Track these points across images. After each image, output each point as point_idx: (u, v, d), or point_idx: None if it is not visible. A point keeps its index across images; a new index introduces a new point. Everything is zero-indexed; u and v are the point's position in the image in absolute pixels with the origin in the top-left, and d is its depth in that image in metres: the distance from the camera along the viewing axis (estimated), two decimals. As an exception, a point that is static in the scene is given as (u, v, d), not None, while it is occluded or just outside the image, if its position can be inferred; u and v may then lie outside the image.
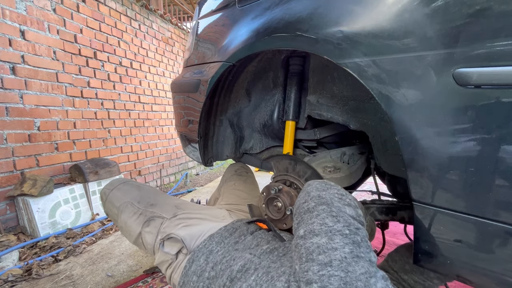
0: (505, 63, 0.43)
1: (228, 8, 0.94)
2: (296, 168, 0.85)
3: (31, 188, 1.78)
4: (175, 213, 0.92)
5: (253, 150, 1.27)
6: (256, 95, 1.16)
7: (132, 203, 0.98)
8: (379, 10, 0.54)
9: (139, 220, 0.93)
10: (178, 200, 1.05)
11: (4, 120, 1.79)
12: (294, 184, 0.85)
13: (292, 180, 0.85)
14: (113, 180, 1.11)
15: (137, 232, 0.92)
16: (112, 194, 1.04)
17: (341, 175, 0.90)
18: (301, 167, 0.84)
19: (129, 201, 0.99)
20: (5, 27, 1.78)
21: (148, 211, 0.94)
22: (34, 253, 1.63)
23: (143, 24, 3.11)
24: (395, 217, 0.87)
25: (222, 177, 1.40)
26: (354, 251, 0.45)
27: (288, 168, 0.87)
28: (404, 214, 0.87)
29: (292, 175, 0.86)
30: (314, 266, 0.44)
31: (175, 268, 0.82)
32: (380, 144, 0.80)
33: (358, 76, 0.57)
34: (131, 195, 1.01)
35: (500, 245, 0.48)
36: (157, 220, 0.91)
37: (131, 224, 0.94)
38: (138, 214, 0.94)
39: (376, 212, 0.87)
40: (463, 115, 0.47)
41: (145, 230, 0.91)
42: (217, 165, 4.52)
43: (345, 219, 0.50)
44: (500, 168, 0.45)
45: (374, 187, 1.02)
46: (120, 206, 0.99)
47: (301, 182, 0.84)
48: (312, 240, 0.48)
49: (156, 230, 0.88)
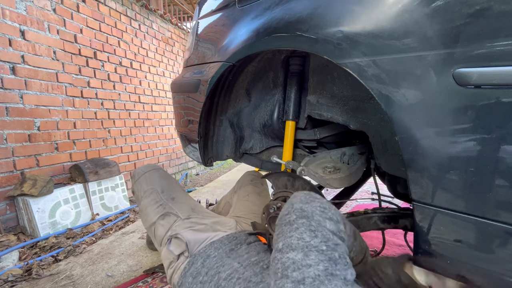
0: (505, 63, 0.43)
1: (228, 8, 0.94)
2: (295, 184, 0.87)
3: (31, 188, 1.78)
4: (189, 215, 0.98)
5: (253, 150, 1.27)
6: (256, 95, 1.16)
7: (157, 191, 1.07)
8: (379, 10, 0.54)
9: (158, 211, 1.01)
10: (195, 202, 1.12)
11: (4, 120, 1.79)
12: None
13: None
14: (147, 164, 1.25)
15: (153, 221, 1.00)
16: (144, 176, 1.15)
17: (341, 176, 0.90)
18: (300, 183, 0.86)
19: (155, 188, 1.09)
20: (5, 27, 1.78)
21: (168, 205, 1.02)
22: (34, 253, 1.63)
23: (143, 24, 3.11)
24: (398, 225, 0.87)
25: (237, 182, 1.42)
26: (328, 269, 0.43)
27: (287, 184, 0.88)
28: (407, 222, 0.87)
29: (292, 191, 0.87)
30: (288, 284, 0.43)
31: (176, 269, 0.85)
32: (380, 144, 0.80)
33: (358, 76, 0.57)
34: (159, 183, 1.11)
35: (500, 245, 0.48)
36: (172, 216, 0.98)
37: (150, 212, 1.02)
38: (158, 204, 1.03)
39: (378, 221, 0.87)
40: (463, 115, 0.47)
41: (159, 222, 0.98)
42: (217, 165, 4.53)
43: (323, 234, 0.48)
44: (500, 168, 0.45)
45: (374, 187, 1.02)
46: (147, 190, 1.09)
47: None
48: (289, 255, 0.46)
49: (168, 226, 0.95)
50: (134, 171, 1.21)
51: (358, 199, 2.50)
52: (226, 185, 3.23)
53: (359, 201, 2.47)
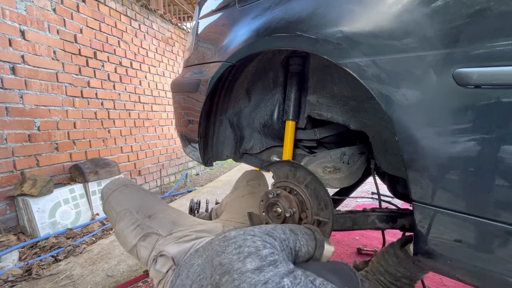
0: (505, 63, 0.43)
1: (228, 8, 0.94)
2: (296, 174, 0.86)
3: (31, 188, 1.78)
4: (171, 230, 0.93)
5: (253, 150, 1.27)
6: (256, 95, 1.16)
7: (131, 212, 0.99)
8: (379, 10, 0.54)
9: (136, 232, 0.95)
10: (175, 212, 1.06)
11: (4, 120, 1.79)
12: (294, 190, 0.85)
13: (292, 187, 0.86)
14: (114, 180, 1.12)
15: (133, 243, 0.94)
16: (112, 196, 1.06)
17: (340, 176, 0.90)
18: (301, 173, 0.85)
19: (129, 209, 1.00)
20: (5, 27, 1.78)
21: (146, 225, 0.96)
22: (34, 253, 1.63)
23: (143, 24, 3.11)
24: (396, 225, 0.87)
25: (236, 182, 1.41)
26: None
27: (288, 174, 0.88)
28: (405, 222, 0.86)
29: (292, 181, 0.86)
30: None
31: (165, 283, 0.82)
32: (380, 144, 0.80)
33: (358, 76, 0.57)
34: (131, 203, 1.03)
35: (500, 245, 0.48)
36: (153, 236, 0.92)
37: (128, 235, 0.96)
38: (135, 226, 0.96)
39: (376, 220, 0.87)
40: (463, 115, 0.47)
41: (141, 244, 0.93)
42: (217, 165, 4.53)
43: (249, 281, 0.47)
44: (500, 168, 0.45)
45: (374, 187, 1.02)
46: (119, 212, 1.01)
47: (301, 188, 0.84)
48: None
49: (151, 246, 0.90)
50: (102, 190, 1.12)
51: (358, 199, 2.50)
52: (226, 185, 3.23)
53: (358, 201, 2.47)
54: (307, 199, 0.83)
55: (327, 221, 0.79)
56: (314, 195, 0.82)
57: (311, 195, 0.82)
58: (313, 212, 0.82)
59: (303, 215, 0.83)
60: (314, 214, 0.82)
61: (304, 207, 0.83)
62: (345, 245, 1.62)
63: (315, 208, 0.82)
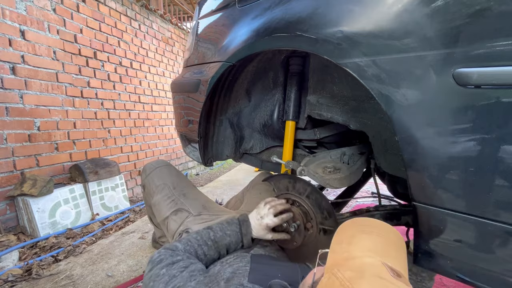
0: (505, 63, 0.43)
1: (228, 8, 0.94)
2: (296, 186, 0.88)
3: (31, 188, 1.78)
4: (200, 212, 1.02)
5: (253, 150, 1.27)
6: (256, 95, 1.16)
7: (169, 187, 1.12)
8: (379, 10, 0.54)
9: (170, 206, 1.06)
10: (206, 198, 1.15)
11: (4, 120, 1.79)
12: (297, 202, 0.87)
13: (294, 199, 0.87)
14: (157, 160, 1.27)
15: (166, 215, 1.05)
16: (155, 172, 1.19)
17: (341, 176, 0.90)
18: (301, 185, 0.87)
19: (167, 184, 1.13)
20: (5, 27, 1.78)
21: (180, 201, 1.07)
22: (34, 253, 1.63)
23: (143, 24, 3.11)
24: (400, 222, 0.88)
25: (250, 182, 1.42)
26: None
27: (288, 186, 0.90)
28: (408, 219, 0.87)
29: (293, 193, 0.88)
30: None
31: None
32: (380, 144, 0.80)
33: (358, 76, 0.57)
34: (170, 180, 1.15)
35: (500, 245, 0.48)
36: (184, 212, 1.03)
37: (162, 207, 1.07)
38: (171, 200, 1.08)
39: (380, 219, 0.88)
40: (463, 115, 0.47)
41: (172, 217, 1.03)
42: (217, 165, 4.52)
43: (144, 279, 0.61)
44: (500, 168, 0.45)
45: (375, 187, 1.02)
46: (159, 186, 1.13)
47: (303, 199, 0.85)
48: None
49: (180, 221, 1.00)
50: (145, 165, 1.25)
51: (358, 199, 2.50)
52: (226, 185, 3.23)
53: (359, 201, 2.47)
54: (310, 209, 0.85)
55: (332, 229, 0.80)
56: (316, 205, 0.83)
57: (313, 205, 0.84)
58: (317, 222, 0.83)
59: (308, 225, 0.85)
60: (319, 223, 0.83)
61: (309, 217, 0.85)
62: (345, 245, 1.62)
63: (319, 217, 0.83)
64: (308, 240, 0.86)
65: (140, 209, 2.45)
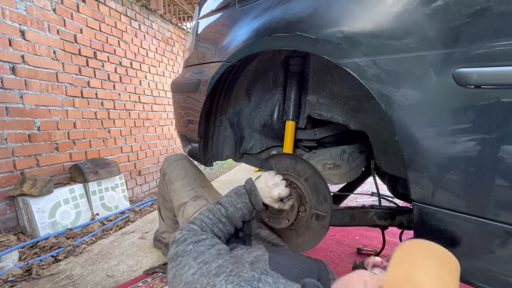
0: (505, 63, 0.43)
1: (228, 8, 0.94)
2: (297, 167, 0.85)
3: (31, 188, 1.78)
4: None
5: (253, 150, 1.27)
6: (256, 95, 1.16)
7: (190, 177, 1.19)
8: (379, 10, 0.54)
9: (190, 193, 1.12)
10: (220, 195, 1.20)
11: (4, 120, 1.79)
12: (294, 183, 0.85)
13: (291, 180, 0.85)
14: (180, 154, 1.35)
15: (184, 201, 1.10)
16: (178, 162, 1.26)
17: (340, 172, 0.90)
18: (302, 166, 0.84)
19: (188, 174, 1.20)
20: (5, 27, 1.78)
21: (200, 190, 1.13)
22: (34, 253, 1.63)
23: (143, 24, 3.11)
24: (394, 222, 0.87)
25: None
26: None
27: (289, 167, 0.87)
28: (403, 219, 0.86)
29: (292, 174, 0.86)
30: None
31: None
32: (380, 144, 0.80)
33: (358, 76, 0.57)
34: (191, 172, 1.23)
35: (500, 245, 0.48)
36: (203, 200, 1.08)
37: (182, 193, 1.13)
38: (191, 188, 1.14)
39: (374, 217, 0.87)
40: (463, 115, 0.47)
41: (191, 203, 1.08)
42: (217, 165, 4.52)
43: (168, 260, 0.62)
44: (500, 168, 0.45)
45: (374, 187, 1.02)
46: (180, 174, 1.20)
47: (301, 182, 0.83)
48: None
49: (198, 207, 1.05)
50: (168, 156, 1.33)
51: (358, 199, 2.50)
52: (226, 185, 3.23)
53: (359, 200, 2.47)
54: (306, 192, 0.82)
55: (325, 215, 0.79)
56: (314, 189, 0.81)
57: (310, 189, 0.82)
58: (311, 206, 0.81)
59: (301, 208, 0.83)
60: (313, 207, 0.81)
61: (303, 201, 0.83)
62: (345, 245, 1.62)
63: (314, 201, 0.81)
64: (298, 223, 0.85)
65: (140, 209, 2.46)
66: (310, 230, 0.83)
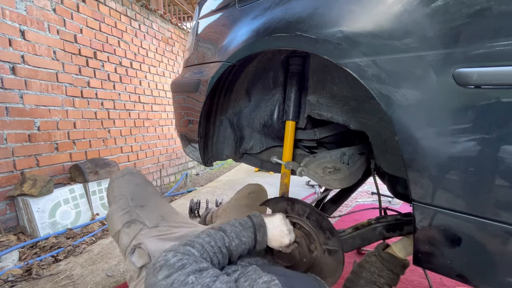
0: (505, 63, 0.43)
1: (228, 8, 0.94)
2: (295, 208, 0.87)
3: (31, 188, 1.78)
4: (157, 223, 0.92)
5: (253, 150, 1.27)
6: (256, 95, 1.16)
7: (126, 197, 1.00)
8: (379, 10, 0.54)
9: (123, 218, 0.94)
10: (168, 209, 1.06)
11: (4, 120, 1.79)
12: (297, 224, 0.87)
13: (294, 221, 0.87)
14: (124, 168, 1.17)
15: (118, 228, 0.93)
16: (117, 181, 1.09)
17: (341, 176, 0.90)
18: (299, 206, 0.86)
19: (125, 194, 1.02)
20: (5, 27, 1.78)
21: (135, 212, 0.95)
22: (34, 253, 1.63)
23: (143, 24, 3.11)
24: (403, 233, 0.86)
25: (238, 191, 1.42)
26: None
27: (287, 209, 0.89)
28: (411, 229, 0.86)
29: (293, 215, 0.87)
30: None
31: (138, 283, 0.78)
32: (380, 144, 0.80)
33: (358, 76, 0.57)
34: (130, 189, 1.04)
35: (500, 245, 0.48)
36: (138, 225, 0.91)
37: (116, 219, 0.95)
38: (125, 211, 0.96)
39: (383, 231, 0.86)
40: (463, 115, 0.47)
41: (124, 230, 0.91)
42: (217, 165, 4.53)
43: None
44: (500, 168, 0.45)
45: (374, 187, 1.02)
46: (116, 196, 1.02)
47: (303, 221, 0.85)
48: None
49: (133, 234, 0.89)
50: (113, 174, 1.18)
51: (358, 199, 2.50)
52: (226, 185, 3.23)
53: (359, 201, 2.47)
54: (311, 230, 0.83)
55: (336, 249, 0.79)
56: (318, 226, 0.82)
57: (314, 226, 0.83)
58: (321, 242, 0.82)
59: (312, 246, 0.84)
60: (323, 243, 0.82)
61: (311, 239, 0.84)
62: (345, 245, 1.62)
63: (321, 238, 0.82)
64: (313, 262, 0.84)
65: (140, 209, 2.45)
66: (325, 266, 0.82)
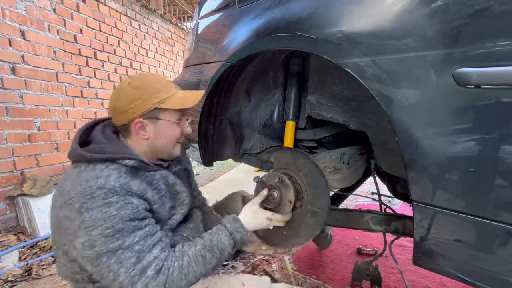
0: (505, 63, 0.43)
1: (228, 8, 0.94)
2: (297, 161, 0.85)
3: (31, 188, 1.78)
4: None
5: (253, 150, 1.27)
6: (256, 95, 1.16)
7: None
8: (379, 10, 0.54)
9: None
10: None
11: (4, 120, 1.79)
12: (293, 178, 0.85)
13: (291, 174, 0.85)
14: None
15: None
16: None
17: (340, 176, 0.90)
18: (301, 161, 0.84)
19: None
20: (5, 27, 1.78)
21: None
22: (34, 253, 1.63)
23: (143, 24, 3.11)
24: (389, 228, 0.86)
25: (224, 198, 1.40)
26: None
27: (289, 161, 0.87)
28: (399, 225, 0.85)
29: (291, 169, 0.86)
30: None
31: None
32: (380, 144, 0.80)
33: (358, 76, 0.57)
34: None
35: (500, 245, 0.48)
36: None
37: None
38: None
39: (370, 222, 0.87)
40: (463, 115, 0.47)
41: None
42: (217, 165, 4.52)
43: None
44: (500, 168, 0.45)
45: (374, 187, 1.02)
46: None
47: (300, 176, 0.83)
48: None
49: None
50: None
51: (359, 199, 2.50)
52: (226, 185, 3.23)
53: (359, 200, 2.47)
54: (304, 188, 0.82)
55: (320, 211, 0.78)
56: (312, 185, 0.81)
57: (309, 184, 0.82)
58: (308, 202, 0.81)
59: (297, 204, 0.83)
60: (309, 203, 0.81)
61: (300, 196, 0.83)
62: (345, 245, 1.62)
63: (310, 197, 0.81)
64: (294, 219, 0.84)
65: (140, 209, 2.45)
66: (304, 225, 0.82)
